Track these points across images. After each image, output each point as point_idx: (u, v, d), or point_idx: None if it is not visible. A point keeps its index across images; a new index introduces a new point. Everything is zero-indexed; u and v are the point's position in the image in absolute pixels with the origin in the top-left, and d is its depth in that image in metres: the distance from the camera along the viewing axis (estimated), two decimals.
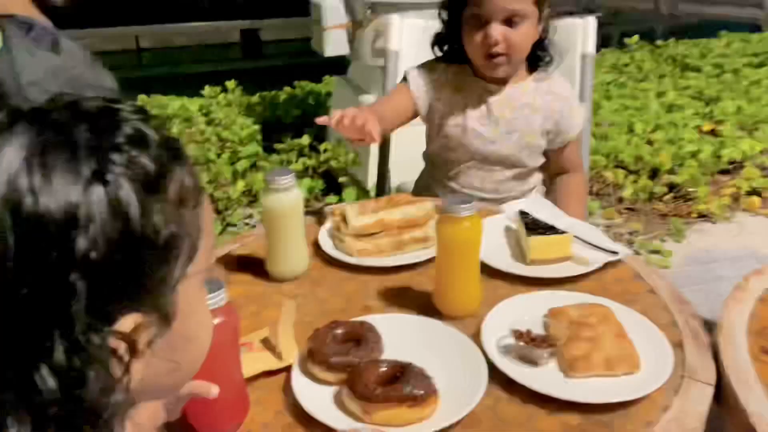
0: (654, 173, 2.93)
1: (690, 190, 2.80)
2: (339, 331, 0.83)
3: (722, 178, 2.96)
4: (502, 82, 1.35)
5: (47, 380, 0.37)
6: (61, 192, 0.38)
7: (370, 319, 0.89)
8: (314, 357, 0.79)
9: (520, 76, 1.36)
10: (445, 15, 1.35)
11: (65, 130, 0.40)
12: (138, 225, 0.40)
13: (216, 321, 0.70)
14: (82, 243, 0.38)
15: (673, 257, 2.46)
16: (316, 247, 1.12)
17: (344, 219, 1.10)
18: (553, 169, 1.45)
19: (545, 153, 1.42)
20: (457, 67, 1.37)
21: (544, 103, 1.36)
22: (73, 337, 0.38)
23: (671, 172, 2.91)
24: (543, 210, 1.16)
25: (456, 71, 1.38)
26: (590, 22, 1.59)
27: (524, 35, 1.27)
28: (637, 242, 2.51)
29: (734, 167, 3.00)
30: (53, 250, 0.38)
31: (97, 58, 1.23)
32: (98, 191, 0.39)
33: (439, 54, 1.39)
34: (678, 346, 0.85)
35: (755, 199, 2.80)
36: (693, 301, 2.33)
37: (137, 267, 0.41)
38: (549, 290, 0.98)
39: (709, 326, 0.90)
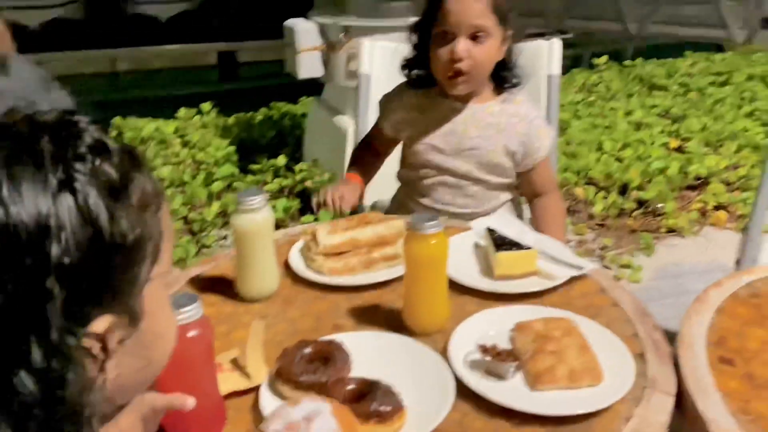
0: (623, 190, 3.00)
1: (659, 205, 2.86)
2: (307, 350, 0.84)
3: (689, 193, 3.03)
4: (467, 100, 1.39)
5: (27, 383, 0.39)
6: (31, 202, 0.39)
7: (339, 337, 0.90)
8: (282, 376, 0.80)
9: (486, 96, 1.40)
10: (414, 38, 1.38)
11: (28, 142, 0.42)
12: (107, 230, 0.42)
13: (191, 334, 0.71)
14: (55, 250, 0.40)
15: (644, 271, 2.50)
16: (287, 267, 1.13)
17: (315, 238, 1.11)
18: (527, 192, 1.47)
19: (518, 175, 1.45)
20: (425, 90, 1.41)
21: (510, 125, 1.39)
22: (50, 341, 0.40)
23: (640, 188, 2.97)
24: (510, 226, 1.19)
25: (423, 93, 1.42)
26: (555, 44, 1.64)
27: (487, 52, 1.31)
28: (608, 257, 2.55)
29: (701, 183, 3.08)
30: (28, 258, 0.39)
31: (55, 81, 1.23)
32: (67, 200, 0.41)
33: (408, 77, 1.43)
34: (640, 357, 0.87)
35: (722, 214, 2.87)
36: (663, 314, 2.37)
37: (108, 270, 0.43)
38: (516, 305, 1.00)
39: (676, 338, 0.92)
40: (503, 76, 1.39)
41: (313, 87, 3.19)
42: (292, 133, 3.53)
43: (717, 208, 2.91)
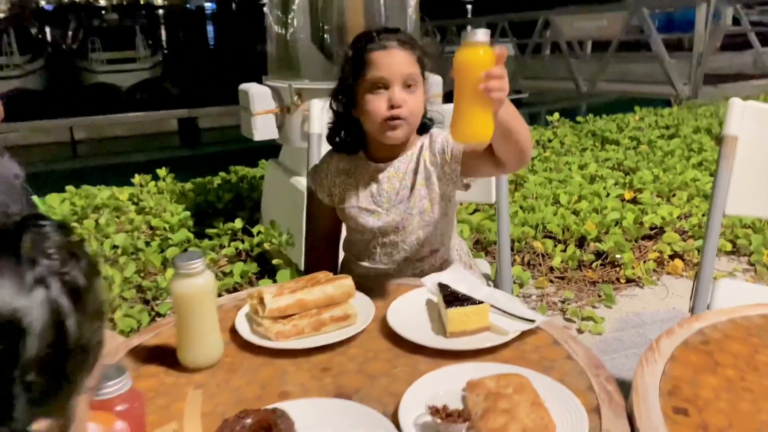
0: (581, 241, 3.03)
1: (617, 256, 2.89)
2: (249, 420, 0.80)
3: (646, 243, 3.08)
4: (391, 158, 1.39)
5: None
6: (7, 296, 0.41)
7: (284, 405, 0.85)
8: None
9: (410, 145, 1.41)
10: (336, 104, 1.40)
11: (8, 240, 0.44)
12: (72, 334, 0.44)
13: (119, 408, 0.67)
14: (25, 345, 0.41)
15: (606, 322, 2.50)
16: (233, 333, 1.09)
17: (262, 301, 1.08)
18: (491, 161, 1.29)
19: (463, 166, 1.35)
20: (351, 155, 1.44)
21: (422, 160, 1.39)
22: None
23: (598, 239, 3.01)
24: (462, 282, 1.17)
25: (349, 158, 1.44)
26: None
27: (419, 101, 1.34)
28: (570, 310, 2.55)
29: (656, 232, 3.14)
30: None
31: (4, 150, 1.21)
32: (40, 298, 0.42)
33: (335, 144, 1.45)
34: (594, 411, 0.85)
35: (678, 262, 2.91)
36: (627, 365, 2.35)
37: (62, 373, 0.44)
38: (468, 362, 0.97)
39: None
40: (423, 123, 1.41)
41: (273, 150, 3.20)
42: (250, 196, 3.51)
43: (673, 256, 2.96)
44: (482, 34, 0.98)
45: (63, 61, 26.08)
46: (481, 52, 0.98)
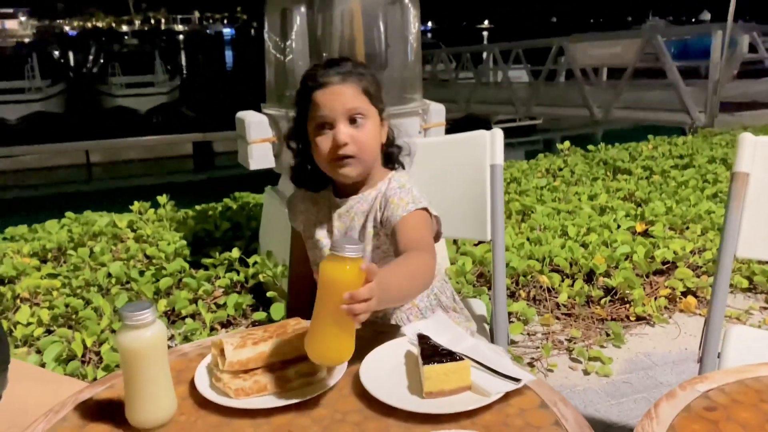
0: (590, 276, 2.91)
1: (626, 292, 2.77)
2: None
3: (657, 278, 2.95)
4: (350, 193, 1.34)
5: None
6: None
7: None
8: None
9: (374, 181, 1.34)
10: (293, 144, 1.35)
11: None
12: None
13: None
14: None
15: (614, 363, 2.38)
16: (192, 387, 1.00)
17: (223, 353, 0.99)
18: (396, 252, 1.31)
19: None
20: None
21: (374, 205, 1.32)
22: None
23: (607, 274, 2.89)
24: (445, 332, 1.08)
25: (312, 194, 1.40)
26: (497, 134, 1.59)
27: (370, 134, 1.27)
28: (576, 350, 2.43)
29: (668, 268, 3.01)
30: None
31: None
32: None
33: (302, 185, 1.40)
34: None
35: (691, 299, 2.78)
36: (635, 411, 2.22)
37: None
38: (444, 428, 0.87)
39: None
40: (389, 153, 1.36)
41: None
42: (249, 224, 3.44)
43: (685, 293, 2.84)
44: (351, 249, 0.87)
45: (83, 85, 26.55)
46: (347, 267, 0.88)
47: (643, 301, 2.73)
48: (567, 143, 5.33)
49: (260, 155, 2.55)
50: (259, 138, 2.53)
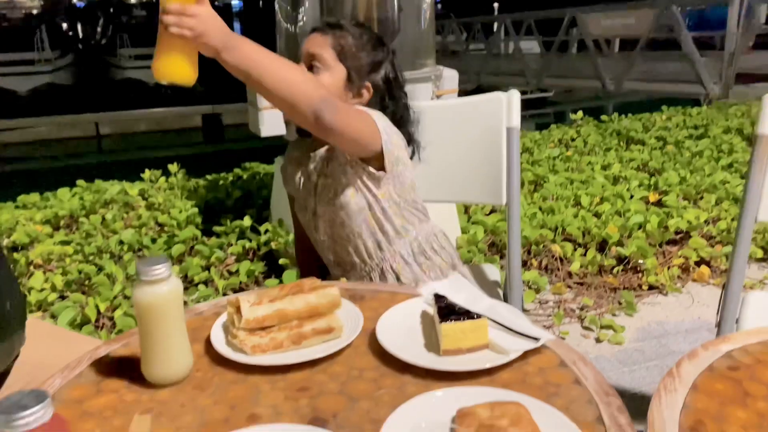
0: (602, 246, 2.89)
1: (639, 261, 2.75)
2: None
3: (670, 248, 2.93)
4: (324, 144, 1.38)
5: None
6: None
7: (252, 431, 0.76)
8: None
9: None
10: None
11: None
12: None
13: None
14: None
15: (626, 332, 2.37)
16: (208, 344, 1.00)
17: (239, 310, 0.98)
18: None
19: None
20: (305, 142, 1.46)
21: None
22: None
23: (619, 244, 2.87)
24: (461, 291, 1.06)
25: (300, 146, 1.47)
26: (514, 96, 1.56)
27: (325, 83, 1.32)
28: (589, 318, 2.42)
29: (681, 237, 2.99)
30: None
31: None
32: None
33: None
34: None
35: (704, 269, 2.76)
36: (647, 379, 2.22)
37: None
38: (460, 386, 0.86)
39: None
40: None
41: None
42: (260, 193, 3.43)
43: (699, 263, 2.81)
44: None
45: (92, 57, 26.43)
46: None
47: (656, 271, 2.71)
48: (580, 113, 5.25)
49: (271, 122, 2.53)
50: (269, 104, 2.50)
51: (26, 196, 3.49)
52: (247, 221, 2.91)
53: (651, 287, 2.68)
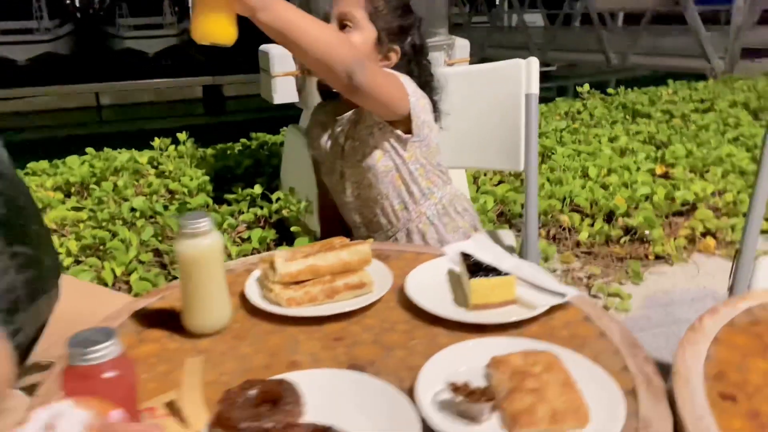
0: (609, 216, 2.92)
1: (646, 232, 2.79)
2: (253, 391, 0.73)
3: (677, 219, 2.96)
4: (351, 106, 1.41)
5: None
6: None
7: (292, 376, 0.79)
8: (222, 423, 0.69)
9: None
10: None
11: None
12: None
13: (107, 375, 0.61)
14: None
15: (633, 300, 2.41)
16: (243, 298, 1.03)
17: (273, 266, 1.01)
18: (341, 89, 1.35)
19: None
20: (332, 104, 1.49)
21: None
22: None
23: (627, 215, 2.90)
24: (486, 251, 1.09)
25: (327, 110, 1.50)
26: (533, 63, 1.58)
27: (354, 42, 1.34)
28: (596, 286, 2.46)
29: (687, 209, 3.01)
30: None
31: None
32: None
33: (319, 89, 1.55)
34: (631, 394, 0.77)
35: (710, 240, 2.80)
36: (654, 344, 2.27)
37: None
38: (492, 337, 0.90)
39: (669, 371, 0.83)
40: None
41: (295, 119, 3.12)
42: (269, 162, 3.45)
43: (705, 234, 2.84)
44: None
45: (91, 26, 26.12)
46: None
47: (663, 241, 2.74)
48: (587, 86, 5.24)
49: (284, 89, 2.54)
50: (282, 71, 2.51)
51: (36, 163, 3.50)
52: (258, 189, 2.93)
53: (657, 257, 2.71)
